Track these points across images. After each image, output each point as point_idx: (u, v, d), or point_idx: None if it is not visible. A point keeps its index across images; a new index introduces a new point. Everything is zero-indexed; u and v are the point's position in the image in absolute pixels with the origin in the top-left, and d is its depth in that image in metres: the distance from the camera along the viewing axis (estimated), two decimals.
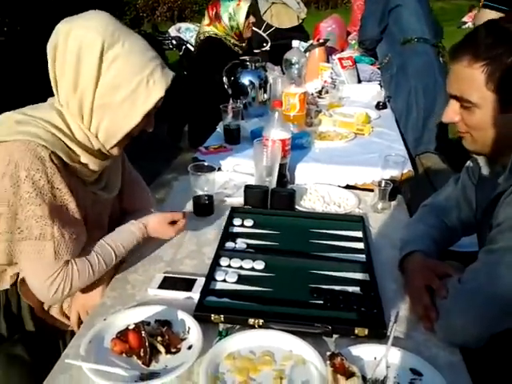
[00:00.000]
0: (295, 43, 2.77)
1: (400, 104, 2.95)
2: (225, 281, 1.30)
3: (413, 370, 1.01)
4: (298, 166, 2.01)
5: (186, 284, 1.28)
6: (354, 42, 3.70)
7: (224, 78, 2.62)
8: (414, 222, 1.49)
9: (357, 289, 1.28)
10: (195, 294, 1.24)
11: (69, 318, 1.40)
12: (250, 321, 1.13)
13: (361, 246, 1.48)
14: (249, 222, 1.59)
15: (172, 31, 6.10)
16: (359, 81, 3.35)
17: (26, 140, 1.13)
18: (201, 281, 1.28)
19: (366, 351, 1.05)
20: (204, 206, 1.65)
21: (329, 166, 2.02)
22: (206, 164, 1.68)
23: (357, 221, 1.62)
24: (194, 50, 3.93)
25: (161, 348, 1.04)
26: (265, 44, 4.14)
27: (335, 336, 1.12)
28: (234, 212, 1.66)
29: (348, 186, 1.95)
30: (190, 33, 5.82)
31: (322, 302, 1.22)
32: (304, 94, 2.33)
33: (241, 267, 1.36)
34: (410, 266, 1.30)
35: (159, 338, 1.04)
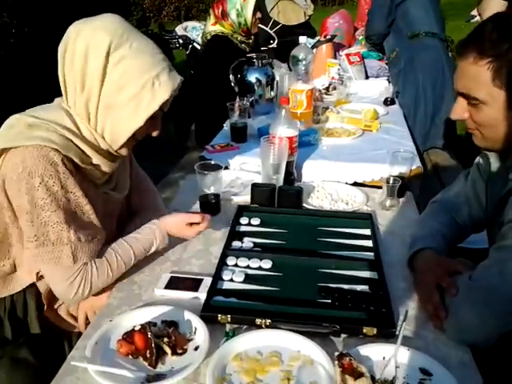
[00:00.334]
0: (302, 39, 2.74)
1: (408, 99, 2.92)
2: (232, 280, 1.29)
3: (422, 370, 1.00)
4: (305, 163, 1.99)
5: (192, 284, 1.28)
6: (361, 38, 3.67)
7: (231, 76, 2.61)
8: (424, 218, 1.47)
9: (365, 287, 1.26)
10: (202, 294, 1.23)
11: (76, 319, 1.40)
12: (257, 321, 1.12)
13: (369, 243, 1.46)
14: (256, 221, 1.58)
15: (179, 30, 6.08)
16: (367, 77, 3.32)
17: (38, 145, 1.13)
18: (207, 280, 1.27)
19: (374, 351, 1.04)
20: (211, 204, 1.64)
21: (336, 163, 2.00)
22: (212, 163, 1.67)
23: (365, 218, 1.60)
24: (200, 49, 3.92)
25: (167, 349, 1.03)
26: (272, 41, 4.11)
27: (343, 336, 1.11)
28: (241, 211, 1.65)
29: (356, 183, 1.94)
30: (196, 32, 5.81)
31: (329, 301, 1.21)
32: (311, 90, 2.31)
33: (248, 266, 1.35)
34: (419, 264, 1.29)
35: (165, 339, 1.03)
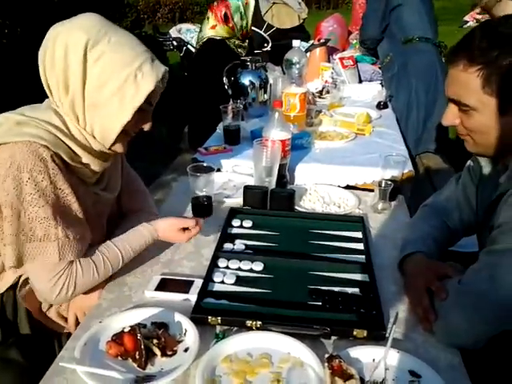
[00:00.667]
0: (296, 43, 2.75)
1: (401, 103, 2.94)
2: (223, 282, 1.29)
3: (411, 372, 1.00)
4: (297, 166, 2.00)
5: (183, 286, 1.27)
6: (355, 42, 3.68)
7: (224, 79, 2.61)
8: (415, 222, 1.47)
9: (356, 290, 1.27)
10: (192, 296, 1.23)
11: (66, 320, 1.39)
12: (248, 323, 1.11)
13: (361, 246, 1.47)
14: (248, 223, 1.58)
15: (173, 32, 6.07)
16: (360, 81, 3.33)
17: (28, 141, 1.12)
18: (198, 282, 1.27)
19: (364, 353, 1.04)
20: (203, 206, 1.63)
21: (329, 166, 2.01)
22: (204, 165, 1.67)
23: (357, 221, 1.61)
24: (194, 51, 3.92)
25: (156, 350, 1.02)
26: (265, 44, 4.12)
27: (334, 338, 1.11)
28: (233, 213, 1.65)
29: (348, 187, 1.94)
30: (190, 34, 5.81)
31: (320, 303, 1.21)
32: (304, 94, 2.32)
33: (239, 268, 1.34)
34: (410, 268, 1.29)
35: (155, 341, 1.03)
